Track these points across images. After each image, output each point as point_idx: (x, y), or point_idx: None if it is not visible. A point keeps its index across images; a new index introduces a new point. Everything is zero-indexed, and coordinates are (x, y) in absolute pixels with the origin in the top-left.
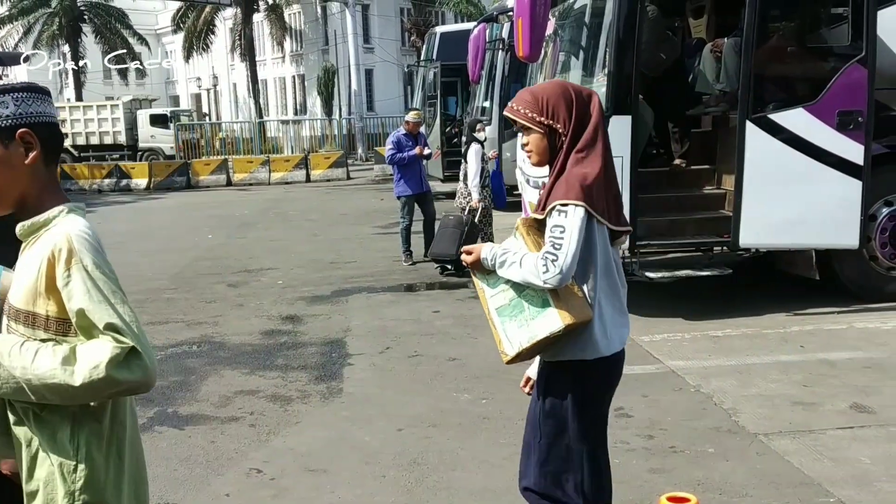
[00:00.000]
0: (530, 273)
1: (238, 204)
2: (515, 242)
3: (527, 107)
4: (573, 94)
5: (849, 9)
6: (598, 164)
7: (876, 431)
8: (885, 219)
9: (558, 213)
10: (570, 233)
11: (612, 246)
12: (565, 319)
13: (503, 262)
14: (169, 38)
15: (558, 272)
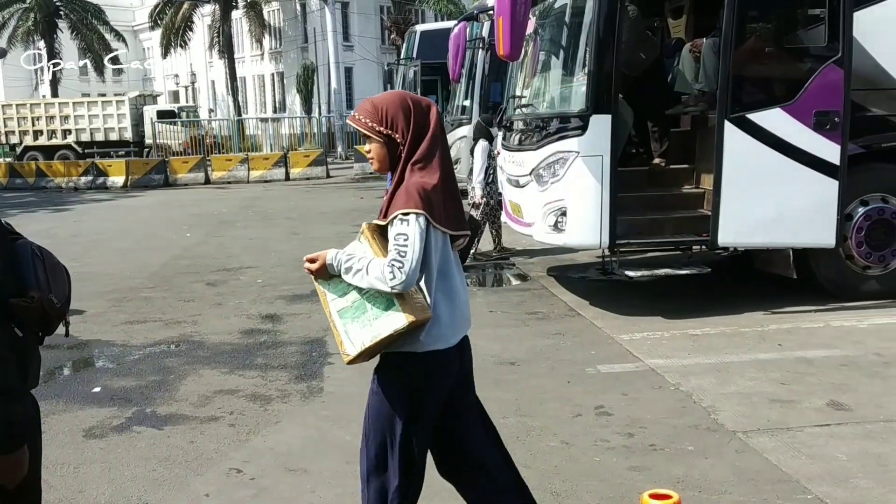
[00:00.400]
0: (377, 279)
1: (217, 202)
2: (360, 247)
3: (367, 116)
4: (412, 105)
5: (825, 10)
6: (437, 172)
7: (852, 429)
8: (860, 218)
9: (401, 222)
10: (412, 240)
11: (453, 249)
12: (409, 318)
13: (349, 269)
14: (146, 34)
15: (404, 278)
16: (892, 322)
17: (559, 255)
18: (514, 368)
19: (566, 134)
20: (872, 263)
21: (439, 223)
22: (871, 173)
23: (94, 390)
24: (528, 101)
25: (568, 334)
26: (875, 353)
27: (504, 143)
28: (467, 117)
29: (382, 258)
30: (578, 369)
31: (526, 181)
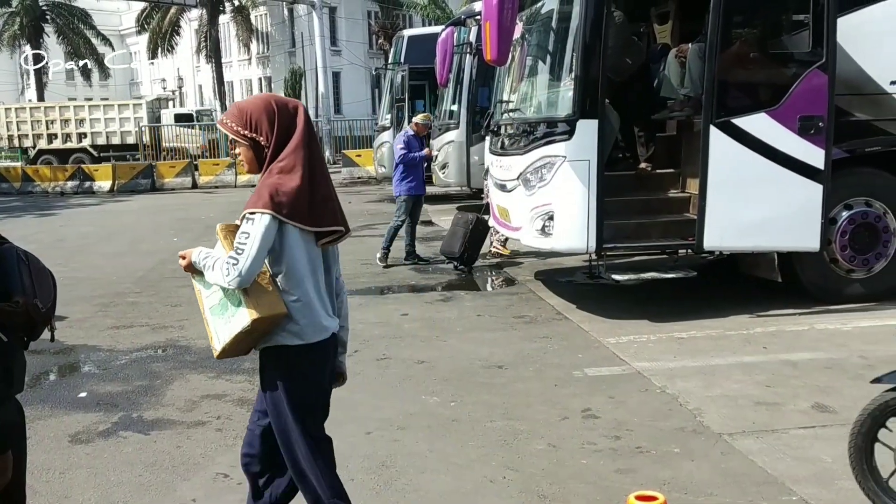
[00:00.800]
0: (219, 275)
1: (204, 206)
2: (219, 245)
3: (234, 120)
4: (276, 108)
5: (809, 16)
6: (299, 173)
7: (837, 431)
8: (844, 222)
9: (246, 221)
10: (252, 239)
11: (325, 246)
12: (252, 315)
13: (205, 266)
14: (133, 38)
15: (237, 275)
16: (876, 325)
17: (547, 258)
18: (502, 372)
19: (553, 138)
20: (856, 267)
21: (299, 221)
22: (854, 177)
23: (80, 395)
24: (516, 106)
25: (555, 338)
26: (859, 355)
27: (491, 148)
28: (455, 122)
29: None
30: (565, 372)
31: (513, 185)
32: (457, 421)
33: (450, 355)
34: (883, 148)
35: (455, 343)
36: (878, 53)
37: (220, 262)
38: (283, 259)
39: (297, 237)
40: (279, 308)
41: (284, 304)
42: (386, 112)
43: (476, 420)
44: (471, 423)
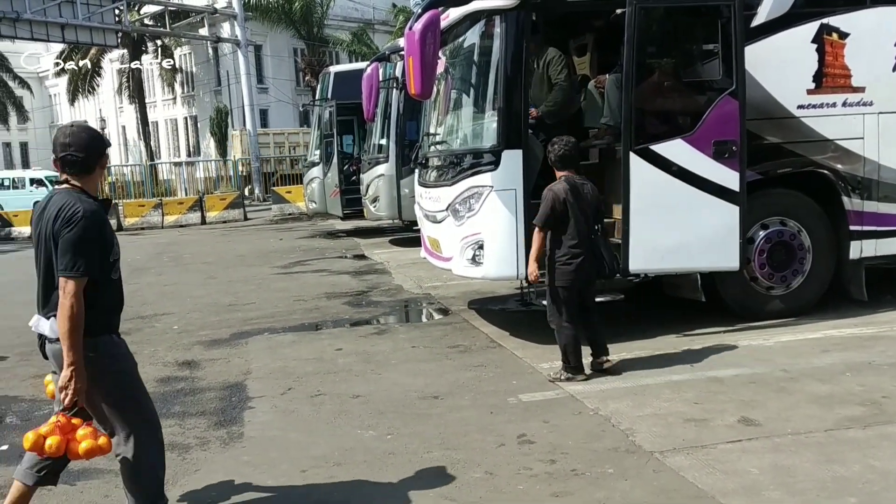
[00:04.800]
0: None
1: (129, 249)
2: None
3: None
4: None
5: (719, 45)
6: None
7: (763, 443)
8: (762, 241)
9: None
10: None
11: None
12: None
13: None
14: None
15: None
16: (797, 339)
17: (479, 288)
18: (438, 402)
19: (480, 169)
20: (775, 284)
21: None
22: (769, 198)
23: (1, 448)
24: (443, 139)
25: (489, 366)
26: (782, 369)
27: (420, 180)
28: (384, 156)
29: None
30: (500, 399)
31: (443, 216)
32: (393, 454)
33: (385, 388)
34: (794, 169)
35: (390, 375)
36: (784, 79)
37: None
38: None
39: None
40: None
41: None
42: (315, 148)
43: (413, 452)
44: (407, 456)
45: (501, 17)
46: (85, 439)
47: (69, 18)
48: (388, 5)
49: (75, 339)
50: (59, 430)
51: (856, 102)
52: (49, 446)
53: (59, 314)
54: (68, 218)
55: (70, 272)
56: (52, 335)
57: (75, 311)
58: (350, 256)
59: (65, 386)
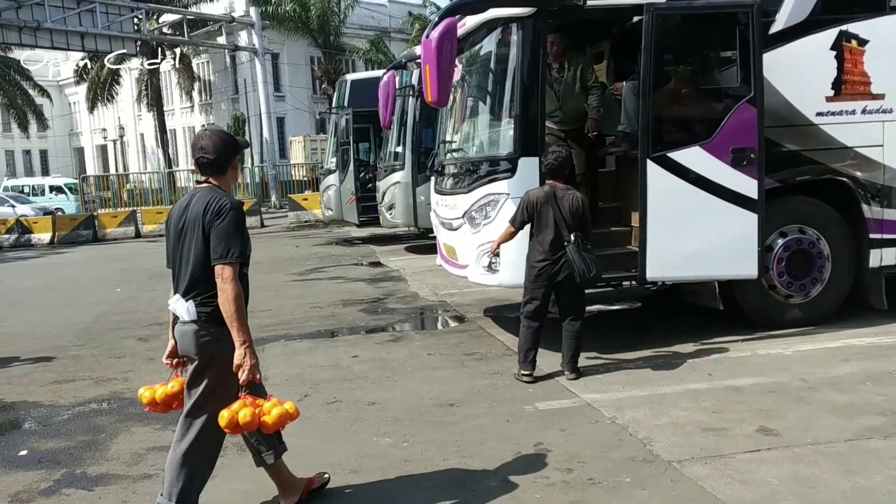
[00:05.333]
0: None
1: (148, 256)
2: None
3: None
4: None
5: (737, 52)
6: None
7: (782, 453)
8: (780, 249)
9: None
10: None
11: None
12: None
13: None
14: (72, 89)
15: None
16: (816, 348)
17: (494, 295)
18: (454, 410)
19: (496, 176)
20: (794, 292)
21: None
22: (787, 206)
23: (20, 454)
24: (459, 146)
25: (506, 373)
26: (800, 378)
27: (436, 188)
28: (400, 163)
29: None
30: (517, 408)
31: (459, 224)
32: (409, 461)
33: (401, 395)
34: (813, 177)
35: (406, 383)
36: (803, 87)
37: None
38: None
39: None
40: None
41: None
42: (331, 155)
43: (429, 459)
44: (424, 463)
45: (518, 24)
46: (273, 409)
47: (89, 27)
48: (404, 13)
49: (242, 320)
50: (248, 403)
51: (875, 109)
52: (242, 418)
53: (222, 299)
54: (217, 210)
55: (226, 259)
56: (188, 317)
57: (236, 293)
58: (366, 264)
59: (240, 364)
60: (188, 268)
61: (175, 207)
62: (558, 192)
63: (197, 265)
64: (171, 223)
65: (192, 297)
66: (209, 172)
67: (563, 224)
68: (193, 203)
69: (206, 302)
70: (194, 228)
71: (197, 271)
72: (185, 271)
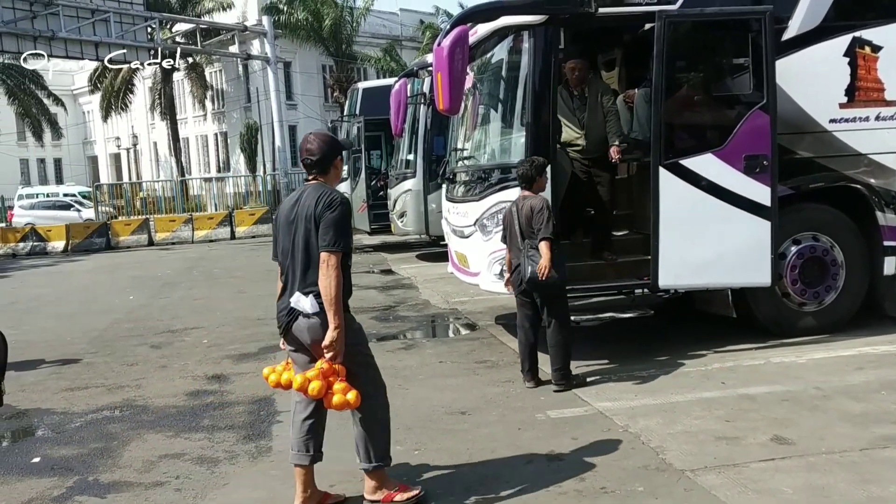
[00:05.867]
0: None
1: (160, 263)
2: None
3: None
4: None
5: (749, 59)
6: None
7: (796, 462)
8: (794, 257)
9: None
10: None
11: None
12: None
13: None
14: (86, 98)
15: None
16: (830, 356)
17: (506, 303)
18: (465, 418)
19: (508, 184)
20: (808, 300)
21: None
22: (801, 213)
23: (33, 461)
24: (470, 154)
25: (517, 381)
26: (815, 387)
27: (448, 195)
28: (412, 171)
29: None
30: (529, 416)
31: (470, 231)
32: (422, 469)
33: (412, 403)
34: (826, 184)
35: (417, 390)
36: (816, 93)
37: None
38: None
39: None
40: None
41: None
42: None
43: (441, 468)
44: (435, 471)
45: (530, 32)
46: (337, 393)
47: (103, 37)
48: (415, 22)
49: (339, 306)
50: (321, 375)
51: (889, 116)
52: (312, 389)
53: (324, 283)
54: (328, 203)
55: (332, 247)
56: (311, 310)
57: (338, 280)
58: (377, 271)
59: (330, 344)
60: (305, 262)
61: (285, 202)
62: (518, 201)
63: (313, 260)
64: (282, 217)
65: (312, 291)
66: (315, 172)
67: (517, 232)
68: (304, 198)
69: (318, 295)
70: (306, 222)
71: (315, 266)
72: (301, 266)
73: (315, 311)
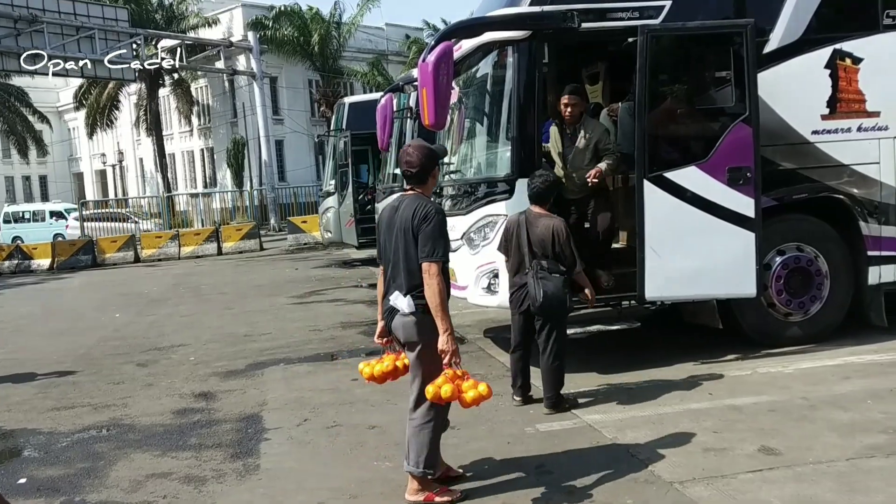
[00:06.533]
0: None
1: (147, 280)
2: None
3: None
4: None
5: (731, 72)
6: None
7: (783, 473)
8: (778, 267)
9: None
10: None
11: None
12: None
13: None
14: (71, 115)
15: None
16: (816, 366)
17: (494, 316)
18: (455, 432)
19: (494, 198)
20: (793, 310)
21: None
22: (785, 224)
23: (19, 482)
24: (457, 168)
25: (506, 395)
26: (801, 397)
27: None
28: (399, 185)
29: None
30: (518, 429)
31: (458, 245)
32: None
33: (401, 419)
34: (810, 195)
35: (407, 406)
36: (798, 105)
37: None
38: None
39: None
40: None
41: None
42: (330, 178)
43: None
44: None
45: (514, 47)
46: (469, 389)
47: (88, 53)
48: (401, 36)
49: (445, 310)
50: (449, 380)
51: (871, 127)
52: (445, 393)
53: (429, 293)
54: (424, 216)
55: (432, 257)
56: (408, 310)
57: (441, 287)
58: (365, 285)
59: (444, 348)
60: (405, 266)
61: (386, 208)
62: (531, 218)
63: (412, 265)
64: (383, 224)
65: (411, 292)
66: (413, 182)
67: (526, 250)
68: (403, 208)
69: (419, 295)
70: (405, 233)
71: (413, 271)
72: (401, 269)
73: (411, 310)
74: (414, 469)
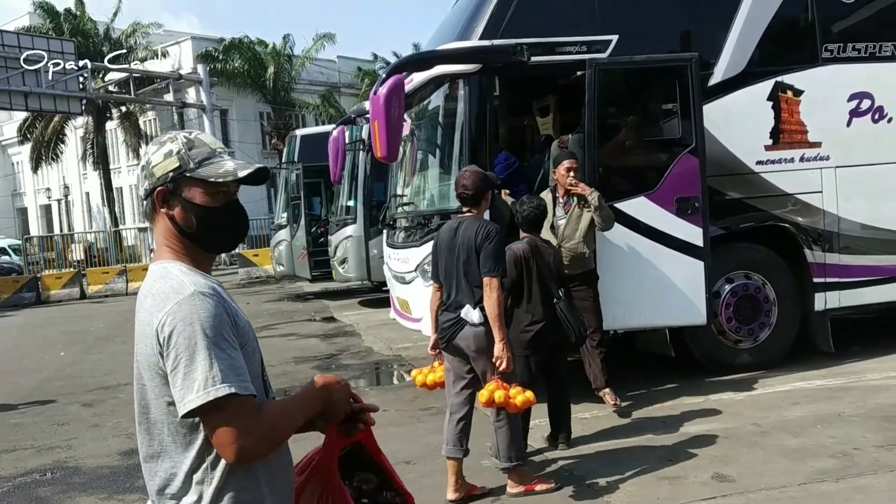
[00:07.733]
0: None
1: (93, 317)
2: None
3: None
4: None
5: (678, 104)
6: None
7: (737, 499)
8: (727, 295)
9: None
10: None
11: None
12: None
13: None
14: (15, 148)
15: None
16: (766, 392)
17: None
18: (410, 468)
19: None
20: (743, 337)
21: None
22: (733, 252)
23: None
24: (410, 200)
25: None
26: (753, 423)
27: (388, 241)
28: (352, 217)
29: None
30: (474, 462)
31: (412, 277)
32: None
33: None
34: (755, 223)
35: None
36: (742, 136)
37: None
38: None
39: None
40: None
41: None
42: (282, 211)
43: None
44: None
45: (464, 80)
46: (518, 396)
47: (33, 86)
48: (353, 69)
49: (503, 321)
50: (501, 386)
51: (813, 157)
52: (498, 398)
53: (488, 304)
54: (486, 234)
55: (493, 273)
56: (479, 321)
57: (500, 300)
58: (319, 319)
59: (500, 356)
60: (470, 282)
61: (445, 229)
62: (541, 246)
63: (475, 281)
64: (443, 243)
65: (477, 305)
66: (469, 204)
67: (550, 279)
68: (463, 230)
69: (483, 308)
70: (468, 251)
71: (479, 286)
72: (466, 284)
73: (481, 321)
74: (506, 463)
